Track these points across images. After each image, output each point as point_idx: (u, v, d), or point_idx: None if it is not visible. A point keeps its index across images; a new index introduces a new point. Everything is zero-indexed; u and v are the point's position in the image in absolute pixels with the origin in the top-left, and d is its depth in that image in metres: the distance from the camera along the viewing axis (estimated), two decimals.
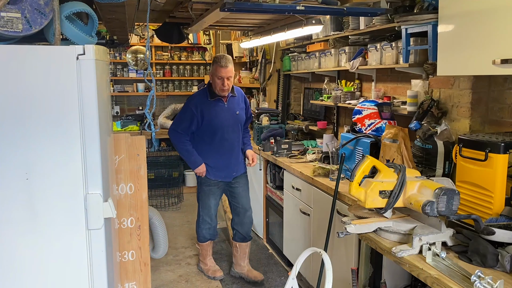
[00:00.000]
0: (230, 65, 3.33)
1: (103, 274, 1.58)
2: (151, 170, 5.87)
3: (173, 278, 3.81)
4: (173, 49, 7.22)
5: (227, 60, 3.33)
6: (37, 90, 1.44)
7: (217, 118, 3.44)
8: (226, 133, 3.47)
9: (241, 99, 3.61)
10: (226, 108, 3.48)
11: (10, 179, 1.45)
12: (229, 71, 3.34)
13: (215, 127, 3.44)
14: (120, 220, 2.16)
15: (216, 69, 3.32)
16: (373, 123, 3.14)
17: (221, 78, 3.31)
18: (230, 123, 3.49)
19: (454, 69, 2.16)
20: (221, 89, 3.36)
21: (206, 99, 3.44)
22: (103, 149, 1.57)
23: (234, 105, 3.53)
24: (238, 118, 3.55)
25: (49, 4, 1.55)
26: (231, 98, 3.52)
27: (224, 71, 3.31)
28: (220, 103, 3.47)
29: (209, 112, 3.41)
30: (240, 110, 3.58)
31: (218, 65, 3.31)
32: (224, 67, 3.30)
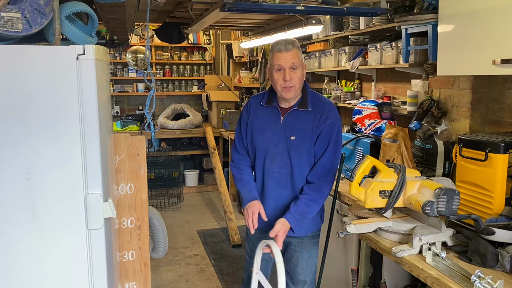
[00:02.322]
0: (292, 47, 2.09)
1: (103, 274, 1.57)
2: (151, 170, 5.87)
3: (173, 278, 3.81)
4: (173, 49, 7.22)
5: (289, 42, 2.10)
6: (37, 90, 1.44)
7: (263, 135, 2.21)
8: (269, 162, 2.20)
9: (317, 118, 2.14)
10: (281, 125, 2.17)
11: (10, 179, 1.45)
12: (292, 56, 2.08)
13: (256, 147, 2.24)
14: (120, 220, 2.16)
15: (272, 57, 2.12)
16: (373, 123, 3.14)
17: (280, 68, 2.09)
18: (277, 151, 2.17)
19: (454, 69, 2.16)
20: (282, 86, 2.10)
21: (259, 102, 2.27)
22: (103, 149, 1.57)
23: (294, 125, 2.15)
24: (292, 146, 2.15)
25: (49, 4, 1.55)
26: (296, 112, 2.16)
27: (284, 56, 2.07)
28: (274, 114, 2.20)
29: (256, 122, 2.25)
30: (302, 134, 2.14)
31: (274, 51, 2.11)
32: (282, 51, 2.08)
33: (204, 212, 5.65)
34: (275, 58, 2.10)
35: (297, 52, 2.10)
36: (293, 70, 2.08)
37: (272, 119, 2.20)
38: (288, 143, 2.15)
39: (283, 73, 2.08)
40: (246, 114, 2.30)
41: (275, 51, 2.10)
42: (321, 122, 2.12)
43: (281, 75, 2.08)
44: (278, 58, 2.09)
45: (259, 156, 2.22)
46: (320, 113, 2.13)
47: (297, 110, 2.16)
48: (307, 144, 2.14)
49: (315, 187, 2.13)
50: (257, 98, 2.31)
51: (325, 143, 2.13)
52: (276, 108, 2.20)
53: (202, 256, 4.27)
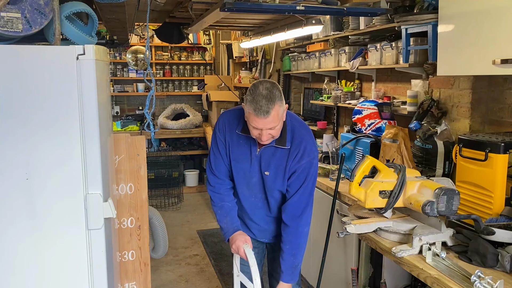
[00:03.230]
0: (272, 110, 1.85)
1: (103, 274, 1.57)
2: (151, 170, 5.87)
3: (173, 278, 3.81)
4: (173, 49, 7.22)
5: (269, 103, 1.85)
6: (37, 90, 1.44)
7: (239, 164, 2.13)
8: (247, 189, 2.18)
9: (292, 157, 2.04)
10: (257, 157, 2.07)
11: (10, 179, 1.45)
12: (271, 120, 1.88)
13: (234, 174, 2.17)
14: (120, 220, 2.16)
15: (249, 115, 1.92)
16: (373, 123, 3.14)
17: (257, 128, 1.92)
18: (254, 181, 2.14)
19: (454, 69, 2.16)
20: (258, 139, 1.99)
21: (234, 128, 2.09)
22: (103, 149, 1.57)
23: (269, 160, 2.06)
24: (266, 180, 2.10)
25: (49, 4, 1.55)
26: (272, 148, 2.05)
27: (262, 122, 1.88)
28: (251, 144, 2.08)
29: (233, 149, 2.12)
30: (276, 171, 2.07)
31: (251, 113, 1.88)
32: (261, 116, 1.86)
33: (204, 212, 5.65)
34: (252, 119, 1.90)
35: (277, 110, 1.87)
36: (271, 129, 1.92)
37: (248, 148, 2.08)
38: (262, 177, 2.10)
39: (260, 131, 1.92)
40: (223, 134, 2.12)
41: (253, 114, 1.87)
42: (295, 162, 2.03)
43: (258, 131, 1.93)
44: (255, 121, 1.88)
45: (237, 182, 2.17)
46: (296, 152, 2.03)
47: (274, 146, 2.04)
48: (279, 181, 2.08)
49: (293, 232, 2.07)
50: (231, 121, 2.11)
51: (298, 182, 2.05)
52: (253, 139, 2.04)
53: (202, 256, 4.27)
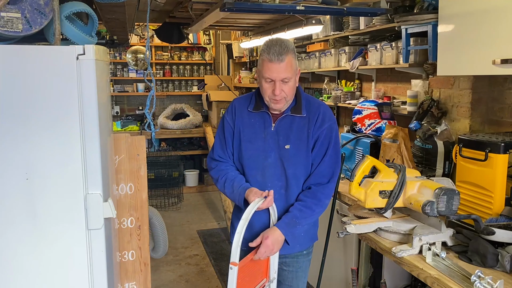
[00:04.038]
0: (286, 56, 1.79)
1: (103, 274, 1.57)
2: (151, 170, 5.87)
3: (173, 278, 3.81)
4: (173, 49, 7.22)
5: (282, 49, 1.79)
6: (37, 90, 1.44)
7: (252, 145, 1.95)
8: (261, 175, 1.95)
9: (312, 124, 1.93)
10: (272, 133, 1.92)
11: (10, 179, 1.45)
12: (285, 68, 1.81)
13: (244, 159, 1.97)
14: (120, 220, 2.16)
15: (262, 64, 1.84)
16: (373, 123, 3.14)
17: (270, 80, 1.83)
18: (270, 162, 1.93)
19: (454, 69, 2.16)
20: (271, 99, 1.86)
21: (245, 107, 1.99)
22: (103, 149, 1.57)
23: (288, 132, 1.92)
24: (286, 156, 1.92)
25: (49, 4, 1.55)
26: (289, 118, 1.93)
27: (276, 69, 1.80)
28: (264, 121, 1.95)
29: (244, 129, 1.97)
30: (298, 143, 1.92)
31: (265, 58, 1.81)
32: (274, 61, 1.79)
33: (204, 212, 5.65)
34: (266, 68, 1.82)
35: (291, 61, 1.82)
36: (285, 83, 1.83)
37: (262, 126, 1.94)
38: (281, 152, 1.91)
39: (273, 86, 1.82)
40: (231, 118, 2.00)
41: (266, 60, 1.81)
42: (316, 128, 1.91)
43: (271, 87, 1.83)
44: (268, 69, 1.81)
45: (249, 168, 1.96)
46: (315, 118, 1.92)
47: (290, 115, 1.92)
48: (303, 153, 1.91)
49: (311, 193, 1.91)
50: (242, 102, 2.02)
51: (323, 149, 1.92)
52: (266, 113, 1.94)
53: (202, 256, 4.28)
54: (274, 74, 1.81)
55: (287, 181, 1.93)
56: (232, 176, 1.97)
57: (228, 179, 1.96)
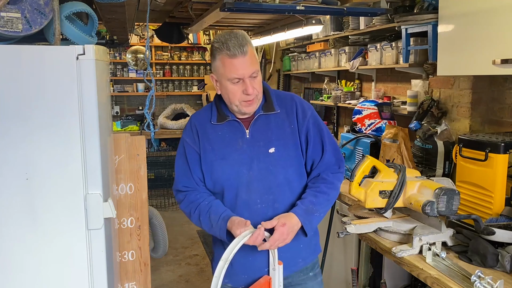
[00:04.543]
0: (248, 47, 1.57)
1: (103, 274, 1.57)
2: (151, 170, 5.87)
3: (173, 278, 3.81)
4: (173, 49, 7.22)
5: (241, 40, 1.56)
6: (37, 90, 1.44)
7: (227, 161, 1.67)
8: (246, 193, 1.66)
9: (293, 117, 1.71)
10: (249, 140, 1.67)
11: (10, 179, 1.45)
12: (250, 60, 1.58)
13: (222, 180, 1.68)
14: (120, 220, 2.16)
15: (222, 64, 1.58)
16: (373, 123, 3.14)
17: (238, 80, 1.58)
18: (253, 174, 1.65)
19: (454, 69, 2.16)
20: (242, 101, 1.61)
21: (206, 121, 1.72)
22: (103, 149, 1.57)
23: (268, 134, 1.68)
24: (273, 160, 1.66)
25: (49, 4, 1.55)
26: (264, 118, 1.69)
27: (241, 63, 1.56)
28: (235, 130, 1.69)
29: (211, 147, 1.68)
30: (283, 142, 1.68)
31: (225, 55, 1.56)
32: (239, 55, 1.55)
33: None
34: (229, 66, 1.55)
35: (253, 51, 1.58)
36: (254, 78, 1.58)
37: (233, 136, 1.67)
38: (266, 159, 1.64)
39: (242, 85, 1.57)
40: (193, 139, 1.71)
41: (226, 57, 1.55)
42: (300, 120, 1.69)
43: (240, 87, 1.58)
44: (233, 66, 1.55)
45: (230, 188, 1.66)
46: (294, 110, 1.70)
47: (264, 115, 1.68)
48: (292, 152, 1.68)
49: (321, 178, 1.69)
50: (201, 117, 1.74)
51: (318, 139, 1.70)
52: (234, 121, 1.67)
53: (202, 256, 4.28)
54: (241, 71, 1.56)
55: (279, 189, 1.67)
56: (206, 206, 1.66)
57: (202, 211, 1.65)
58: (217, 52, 1.58)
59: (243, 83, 1.58)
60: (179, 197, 1.76)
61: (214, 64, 1.62)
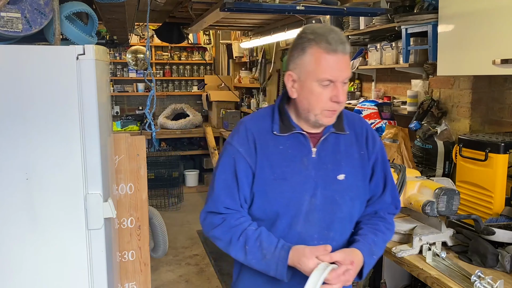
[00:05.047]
0: (348, 46, 1.34)
1: (103, 274, 1.57)
2: (151, 170, 5.87)
3: (173, 278, 3.81)
4: (173, 49, 7.22)
5: (342, 38, 1.33)
6: (37, 90, 1.44)
7: (288, 182, 1.38)
8: (304, 224, 1.39)
9: (362, 143, 1.47)
10: (314, 161, 1.40)
11: (10, 179, 1.45)
12: (347, 63, 1.35)
13: (278, 205, 1.38)
14: (120, 220, 2.16)
15: (316, 59, 1.30)
16: (373, 123, 3.14)
17: (329, 83, 1.31)
18: (317, 203, 1.39)
19: (454, 69, 2.16)
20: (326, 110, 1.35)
21: (268, 131, 1.41)
22: (103, 149, 1.57)
23: (337, 157, 1.42)
24: (341, 190, 1.41)
25: (49, 4, 1.55)
26: (334, 137, 1.44)
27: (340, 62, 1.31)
28: (300, 146, 1.41)
29: (273, 165, 1.39)
30: (352, 169, 1.43)
31: (322, 49, 1.29)
32: (339, 52, 1.30)
33: None
34: (324, 63, 1.28)
35: (349, 56, 1.36)
36: (344, 84, 1.34)
37: (297, 153, 1.38)
38: (333, 186, 1.38)
39: (333, 90, 1.30)
40: (249, 151, 1.37)
41: (323, 51, 1.28)
42: (370, 149, 1.45)
43: (329, 92, 1.30)
44: (328, 64, 1.28)
45: (283, 218, 1.37)
46: (364, 136, 1.46)
47: (335, 133, 1.42)
48: (360, 183, 1.42)
49: (379, 217, 1.47)
50: (260, 123, 1.41)
51: (381, 175, 1.47)
52: (301, 135, 1.39)
53: (202, 256, 4.28)
54: (337, 72, 1.29)
55: (341, 225, 1.40)
56: (254, 232, 1.35)
57: (249, 238, 1.34)
58: (309, 44, 1.30)
59: (334, 88, 1.31)
60: (214, 221, 1.39)
61: (300, 59, 1.33)
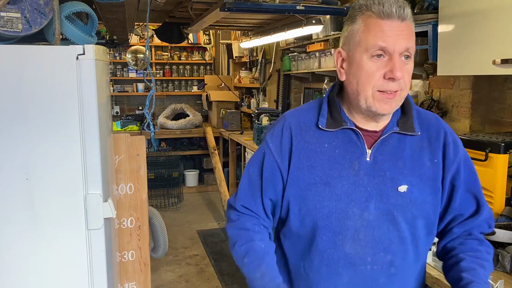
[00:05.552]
0: (408, 11, 1.03)
1: (103, 274, 1.57)
2: (151, 170, 5.87)
3: (173, 278, 3.81)
4: (173, 49, 7.22)
5: (400, 2, 1.02)
6: (37, 90, 1.44)
7: (332, 189, 1.12)
8: (352, 244, 1.12)
9: (438, 149, 1.16)
10: (369, 165, 1.12)
11: (10, 179, 1.45)
12: (408, 31, 1.03)
13: (319, 217, 1.13)
14: (120, 220, 2.16)
15: (366, 25, 1.04)
16: None
17: (381, 54, 1.03)
18: (371, 218, 1.11)
19: (454, 69, 2.16)
20: (380, 89, 1.05)
21: (311, 125, 1.17)
22: (103, 149, 1.57)
23: (399, 163, 1.13)
24: (403, 205, 1.12)
25: (49, 4, 1.55)
26: (397, 138, 1.15)
27: (395, 28, 1.01)
28: (352, 145, 1.14)
29: (309, 166, 1.14)
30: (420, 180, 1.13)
31: (373, 13, 1.02)
32: (395, 16, 1.01)
33: (204, 212, 5.65)
34: (374, 29, 1.02)
35: (413, 25, 1.05)
36: (406, 60, 1.04)
37: (347, 154, 1.12)
38: (391, 199, 1.11)
39: (388, 64, 1.02)
40: (279, 147, 1.16)
41: (374, 15, 1.02)
42: (450, 155, 1.15)
43: (383, 66, 1.03)
44: (381, 29, 1.01)
45: (324, 234, 1.12)
46: (441, 138, 1.16)
47: (398, 134, 1.13)
48: (428, 198, 1.13)
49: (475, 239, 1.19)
50: (303, 116, 1.18)
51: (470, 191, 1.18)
52: (353, 132, 1.12)
53: (202, 256, 4.28)
54: (391, 39, 1.00)
55: (402, 248, 1.13)
56: (261, 250, 1.16)
57: (252, 251, 1.16)
58: (360, 11, 1.05)
59: (390, 61, 1.02)
60: (232, 216, 1.24)
61: (350, 31, 1.08)
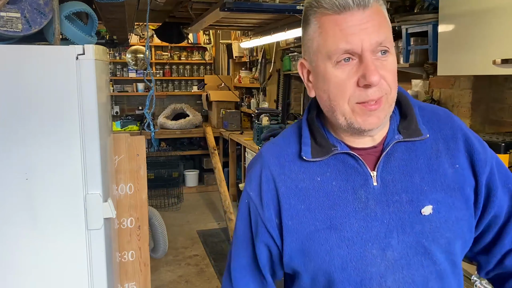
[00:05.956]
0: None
1: (103, 274, 1.57)
2: (151, 170, 5.87)
3: (173, 278, 3.81)
4: (173, 49, 7.22)
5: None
6: (37, 90, 1.43)
7: (340, 234, 0.85)
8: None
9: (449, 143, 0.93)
10: (378, 192, 0.86)
11: (10, 179, 1.45)
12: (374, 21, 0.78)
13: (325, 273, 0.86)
14: (120, 220, 2.15)
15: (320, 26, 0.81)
16: None
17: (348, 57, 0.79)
18: (396, 255, 0.84)
19: (454, 69, 2.15)
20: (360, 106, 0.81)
21: (294, 157, 0.90)
22: (103, 149, 1.57)
23: (412, 178, 0.86)
24: (431, 230, 0.85)
25: (49, 4, 1.55)
26: (402, 148, 0.89)
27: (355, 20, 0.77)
28: (349, 173, 0.88)
29: (304, 209, 0.87)
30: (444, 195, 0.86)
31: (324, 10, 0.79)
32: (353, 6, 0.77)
33: (204, 212, 5.65)
34: (330, 28, 0.81)
35: (382, 9, 0.83)
36: (383, 55, 0.81)
37: (347, 185, 0.89)
38: (416, 226, 0.86)
39: (359, 67, 0.80)
40: (259, 196, 0.92)
41: (326, 12, 0.80)
42: (481, 155, 0.95)
43: (353, 72, 0.81)
44: (338, 26, 0.80)
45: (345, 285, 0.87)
46: (461, 137, 0.98)
47: (404, 142, 0.90)
48: (459, 213, 0.89)
49: None
50: (283, 150, 0.93)
51: (509, 186, 0.94)
52: (348, 156, 0.89)
53: (202, 256, 4.28)
54: (354, 36, 0.79)
55: (442, 283, 0.89)
56: None
57: None
58: (311, 9, 0.83)
59: (361, 64, 0.80)
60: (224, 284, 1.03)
61: (306, 35, 0.87)
